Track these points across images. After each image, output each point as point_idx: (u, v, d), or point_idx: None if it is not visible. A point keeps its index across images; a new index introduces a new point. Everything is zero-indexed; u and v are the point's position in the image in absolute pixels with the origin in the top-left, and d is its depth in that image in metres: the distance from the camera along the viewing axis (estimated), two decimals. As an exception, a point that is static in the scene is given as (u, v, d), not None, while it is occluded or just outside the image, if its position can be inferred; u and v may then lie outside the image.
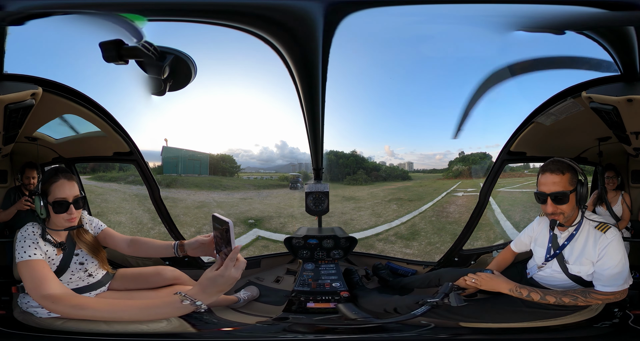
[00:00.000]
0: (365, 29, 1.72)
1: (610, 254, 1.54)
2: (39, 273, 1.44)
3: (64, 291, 1.40)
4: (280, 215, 7.36)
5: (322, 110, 1.96)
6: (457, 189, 8.93)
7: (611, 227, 1.60)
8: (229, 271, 1.10)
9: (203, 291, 1.12)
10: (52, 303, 1.34)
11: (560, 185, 1.56)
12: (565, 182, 1.56)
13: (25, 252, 1.48)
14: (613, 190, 2.57)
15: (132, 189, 6.89)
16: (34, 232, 1.57)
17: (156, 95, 1.69)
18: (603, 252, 1.55)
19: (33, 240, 1.53)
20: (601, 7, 1.40)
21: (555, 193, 1.56)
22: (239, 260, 1.12)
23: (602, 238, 1.56)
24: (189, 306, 1.10)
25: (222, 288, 1.11)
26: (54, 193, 1.56)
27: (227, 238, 1.14)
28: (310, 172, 2.75)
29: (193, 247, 1.53)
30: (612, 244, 1.54)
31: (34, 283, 1.41)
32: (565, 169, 1.58)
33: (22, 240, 1.52)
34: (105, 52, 1.40)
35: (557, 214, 1.59)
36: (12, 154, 2.31)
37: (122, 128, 2.25)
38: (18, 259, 1.49)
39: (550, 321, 1.73)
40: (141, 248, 1.75)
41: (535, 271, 1.82)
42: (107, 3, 1.45)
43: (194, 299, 1.11)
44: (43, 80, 1.78)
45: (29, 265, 1.46)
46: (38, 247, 1.53)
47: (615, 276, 1.53)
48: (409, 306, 1.88)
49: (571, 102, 1.91)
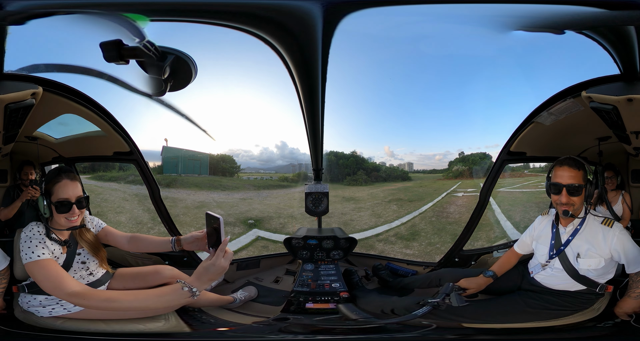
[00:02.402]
0: (365, 29, 1.72)
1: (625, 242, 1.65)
2: (54, 272, 1.47)
3: (84, 287, 1.47)
4: (280, 216, 7.36)
5: (322, 110, 1.96)
6: (457, 189, 8.92)
7: (614, 220, 1.70)
8: (219, 260, 1.25)
9: (198, 279, 1.26)
10: (83, 299, 1.40)
11: (576, 179, 1.68)
12: (580, 177, 1.69)
13: (33, 252, 1.49)
14: (613, 190, 2.57)
15: (132, 189, 6.89)
16: (39, 231, 1.58)
17: (157, 95, 1.70)
18: (617, 243, 1.64)
19: (40, 240, 1.55)
20: (601, 6, 1.40)
21: (571, 185, 1.68)
22: (227, 251, 1.28)
23: (611, 232, 1.66)
24: (187, 292, 1.25)
25: (213, 277, 1.27)
26: (56, 193, 1.58)
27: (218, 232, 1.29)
28: (310, 172, 2.74)
29: (188, 241, 1.62)
30: (622, 234, 1.66)
31: (53, 282, 1.44)
32: (580, 166, 1.71)
33: (27, 240, 1.53)
34: (106, 52, 1.40)
35: (569, 205, 1.70)
36: (12, 154, 2.32)
37: (122, 128, 2.25)
38: (26, 260, 1.49)
39: (553, 321, 1.74)
40: (141, 244, 1.80)
41: (538, 270, 1.82)
42: (107, 3, 1.45)
43: (191, 286, 1.25)
44: (43, 80, 1.78)
45: (41, 265, 1.48)
46: (45, 246, 1.54)
47: None
48: (407, 308, 1.88)
49: (571, 101, 1.91)
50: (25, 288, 1.63)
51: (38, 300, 1.64)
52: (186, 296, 1.25)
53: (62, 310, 1.64)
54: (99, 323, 1.66)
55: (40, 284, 1.48)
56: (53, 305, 1.64)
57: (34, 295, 1.64)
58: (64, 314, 1.64)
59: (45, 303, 1.64)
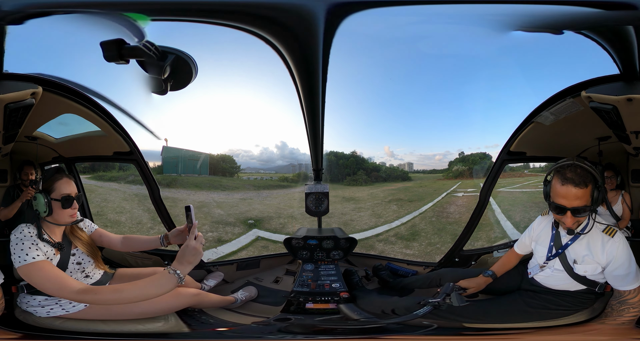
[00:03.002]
0: (366, 29, 1.72)
1: (621, 255, 1.54)
2: (53, 272, 1.48)
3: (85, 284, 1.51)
4: (280, 216, 7.36)
5: (322, 110, 1.96)
6: (457, 189, 8.92)
7: (617, 230, 1.59)
8: (191, 242, 1.41)
9: (178, 262, 1.40)
10: (94, 294, 1.43)
11: (583, 200, 1.46)
12: (587, 196, 1.47)
13: (27, 255, 1.47)
14: (612, 190, 2.57)
15: (132, 189, 6.89)
16: (30, 232, 1.55)
17: (157, 95, 1.70)
18: (612, 255, 1.55)
19: (32, 241, 1.52)
20: (599, 7, 1.40)
21: (576, 208, 1.48)
22: (198, 234, 1.45)
23: (611, 242, 1.56)
24: (174, 276, 1.37)
25: (190, 259, 1.40)
26: (59, 189, 1.61)
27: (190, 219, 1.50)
28: (310, 172, 2.74)
29: (174, 235, 1.76)
30: (621, 247, 1.55)
31: (55, 283, 1.44)
32: (588, 180, 1.47)
33: (18, 242, 1.50)
34: (106, 51, 1.40)
35: (574, 224, 1.54)
36: (12, 153, 2.31)
37: (122, 127, 2.25)
38: (20, 263, 1.46)
39: (554, 321, 1.73)
40: (134, 243, 1.87)
41: (536, 271, 1.81)
42: (107, 2, 1.45)
43: (175, 269, 1.38)
44: (43, 80, 1.78)
45: (37, 267, 1.46)
46: (38, 248, 1.52)
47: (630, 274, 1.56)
48: (407, 308, 1.88)
49: (571, 101, 1.91)
50: (24, 289, 1.63)
51: (37, 301, 1.64)
52: (174, 280, 1.36)
53: (60, 310, 1.63)
54: (98, 323, 1.66)
55: (41, 286, 1.47)
56: (52, 305, 1.63)
57: (33, 295, 1.63)
58: (62, 314, 1.64)
59: (45, 304, 1.63)
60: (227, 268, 2.72)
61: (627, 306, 1.58)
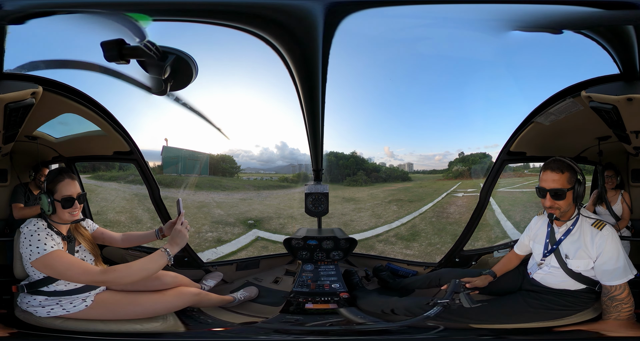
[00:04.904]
0: (365, 29, 1.72)
1: (609, 250, 1.62)
2: (73, 259, 1.60)
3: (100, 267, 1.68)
4: (279, 216, 7.36)
5: (322, 111, 1.96)
6: (457, 190, 8.93)
7: (606, 224, 1.68)
8: (178, 226, 1.69)
9: (170, 244, 1.65)
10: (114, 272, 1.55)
11: (559, 183, 1.68)
12: (563, 180, 1.68)
13: (46, 244, 1.55)
14: (612, 189, 2.57)
15: (131, 188, 6.89)
16: (43, 224, 1.64)
17: (157, 95, 1.70)
18: (601, 248, 1.62)
19: (47, 233, 1.61)
20: (599, 6, 1.40)
21: (554, 190, 1.68)
22: (184, 221, 1.73)
23: (599, 235, 1.65)
24: (165, 254, 1.61)
25: (178, 241, 1.66)
26: (61, 191, 1.66)
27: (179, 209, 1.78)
28: (310, 173, 2.74)
29: (167, 227, 1.90)
30: (609, 240, 1.63)
31: (79, 267, 1.55)
32: (565, 168, 1.69)
33: (33, 234, 1.58)
34: (107, 51, 1.40)
35: (554, 208, 1.71)
36: (12, 153, 2.32)
37: (122, 127, 2.25)
38: (38, 253, 1.53)
39: (555, 321, 1.73)
40: (133, 238, 1.98)
41: (535, 269, 1.82)
42: (108, 3, 1.45)
43: (166, 248, 1.62)
44: (43, 79, 1.78)
45: (58, 255, 1.55)
46: (53, 239, 1.61)
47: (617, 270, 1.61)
48: (407, 308, 1.88)
49: (570, 101, 1.91)
50: (24, 288, 1.64)
51: (38, 301, 1.64)
52: (165, 257, 1.60)
53: (60, 310, 1.64)
54: (98, 323, 1.67)
55: (63, 273, 1.55)
56: (52, 305, 1.64)
57: (33, 295, 1.64)
58: (63, 314, 1.64)
59: (45, 304, 1.64)
60: (227, 268, 2.72)
61: (617, 302, 1.62)
